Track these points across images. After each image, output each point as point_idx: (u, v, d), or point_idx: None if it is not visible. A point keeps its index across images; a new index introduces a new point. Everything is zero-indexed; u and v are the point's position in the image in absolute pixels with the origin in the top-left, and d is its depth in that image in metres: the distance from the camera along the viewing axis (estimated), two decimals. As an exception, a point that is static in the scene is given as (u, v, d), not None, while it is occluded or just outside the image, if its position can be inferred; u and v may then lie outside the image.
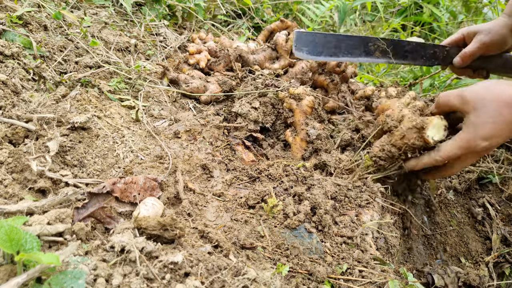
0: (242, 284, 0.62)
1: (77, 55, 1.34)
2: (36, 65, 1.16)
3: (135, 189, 0.85)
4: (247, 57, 1.55)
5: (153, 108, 1.30)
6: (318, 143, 1.22)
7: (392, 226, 1.08)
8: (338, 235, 0.88)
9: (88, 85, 1.21)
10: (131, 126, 1.15)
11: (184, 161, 1.05)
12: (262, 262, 0.77)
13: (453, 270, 1.07)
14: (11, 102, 0.98)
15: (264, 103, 1.33)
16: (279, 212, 0.90)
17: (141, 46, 1.60)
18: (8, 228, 0.52)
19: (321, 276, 0.75)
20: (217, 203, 0.96)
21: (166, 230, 0.68)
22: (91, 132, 1.01)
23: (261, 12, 2.37)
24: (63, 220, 0.67)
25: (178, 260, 0.60)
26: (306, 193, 0.96)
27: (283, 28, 1.79)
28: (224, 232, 0.85)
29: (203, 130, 1.22)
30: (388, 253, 0.99)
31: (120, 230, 0.67)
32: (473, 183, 1.32)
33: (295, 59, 1.65)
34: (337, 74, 1.46)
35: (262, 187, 1.00)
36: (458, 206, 1.28)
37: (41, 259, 0.49)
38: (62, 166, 0.91)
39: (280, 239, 0.84)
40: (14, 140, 0.90)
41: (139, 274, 0.57)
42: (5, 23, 1.23)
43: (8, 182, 0.79)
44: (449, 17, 3.00)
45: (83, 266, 0.55)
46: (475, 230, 1.27)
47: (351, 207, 0.98)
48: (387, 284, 0.76)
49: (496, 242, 1.22)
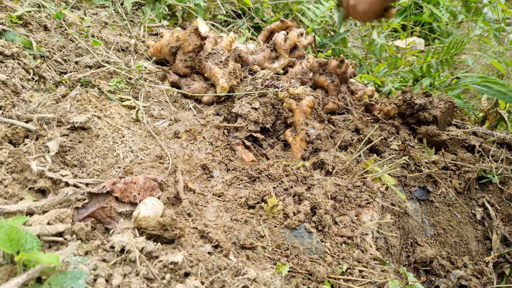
0: (242, 284, 0.62)
1: (77, 55, 1.34)
2: (36, 65, 1.16)
3: (135, 189, 0.85)
4: (247, 57, 1.55)
5: (153, 108, 1.30)
6: (318, 143, 1.22)
7: (392, 226, 1.08)
8: (338, 235, 0.88)
9: (88, 85, 1.21)
10: (131, 126, 1.15)
11: (184, 161, 1.05)
12: (262, 262, 0.77)
13: (456, 275, 1.07)
14: (11, 102, 0.98)
15: (264, 103, 1.33)
16: (279, 212, 0.90)
17: (141, 46, 1.61)
18: (8, 228, 0.52)
19: (321, 276, 0.75)
20: (217, 203, 0.96)
21: (166, 230, 0.68)
22: (91, 132, 1.01)
23: (261, 12, 2.37)
24: (63, 220, 0.67)
25: (178, 260, 0.60)
26: (306, 193, 0.96)
27: (283, 28, 1.79)
28: (224, 232, 0.85)
29: (203, 130, 1.23)
30: (388, 253, 1.00)
31: (120, 230, 0.67)
32: (473, 183, 1.32)
33: (294, 58, 1.65)
34: (337, 75, 1.46)
35: (262, 187, 1.00)
36: (458, 206, 1.28)
37: (41, 259, 0.49)
38: (62, 166, 0.91)
39: (280, 239, 0.84)
40: (14, 140, 0.90)
41: (139, 274, 0.57)
42: (5, 23, 1.23)
43: (8, 182, 0.79)
44: (449, 17, 3.00)
45: (83, 266, 0.55)
46: (475, 230, 1.27)
47: (351, 207, 0.98)
48: (387, 284, 0.76)
49: (496, 242, 1.22)
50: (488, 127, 1.68)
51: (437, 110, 1.48)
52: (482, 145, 1.40)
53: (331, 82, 1.45)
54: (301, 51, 1.68)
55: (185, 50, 1.37)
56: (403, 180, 1.26)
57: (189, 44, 1.36)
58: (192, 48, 1.36)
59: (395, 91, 1.94)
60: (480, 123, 1.74)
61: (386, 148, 1.35)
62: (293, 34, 1.63)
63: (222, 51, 1.43)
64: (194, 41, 1.35)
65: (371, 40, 2.38)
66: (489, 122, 1.69)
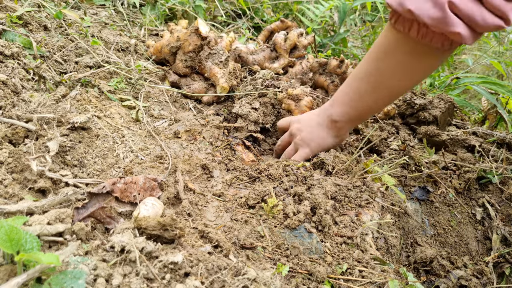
0: (242, 284, 0.62)
1: (77, 55, 1.34)
2: (36, 65, 1.16)
3: (135, 189, 0.85)
4: (247, 57, 1.55)
5: (153, 108, 1.30)
6: (318, 143, 1.22)
7: (392, 226, 1.08)
8: (338, 235, 0.88)
9: (88, 85, 1.21)
10: (131, 126, 1.15)
11: (184, 161, 1.05)
12: (262, 262, 0.77)
13: (456, 275, 1.07)
14: (11, 102, 0.98)
15: (264, 103, 1.33)
16: (279, 212, 0.90)
17: (141, 46, 1.60)
18: (8, 228, 0.52)
19: (321, 276, 0.75)
20: (217, 203, 0.96)
21: (166, 230, 0.68)
22: (91, 132, 1.01)
23: (261, 12, 2.37)
24: (63, 220, 0.67)
25: (178, 260, 0.60)
26: (306, 193, 0.96)
27: (283, 28, 1.79)
28: (224, 232, 0.85)
29: (203, 130, 1.23)
30: (388, 253, 1.00)
31: (120, 230, 0.67)
32: (473, 183, 1.32)
33: (294, 58, 1.65)
34: (337, 75, 1.46)
35: (262, 187, 1.00)
36: (458, 206, 1.28)
37: (41, 259, 0.49)
38: (62, 166, 0.91)
39: (280, 239, 0.84)
40: (14, 140, 0.90)
41: (139, 274, 0.57)
42: (5, 23, 1.23)
43: (8, 182, 0.79)
44: (449, 17, 2.99)
45: (83, 266, 0.55)
46: (475, 230, 1.27)
47: (351, 207, 0.98)
48: (387, 284, 0.76)
49: (496, 243, 1.22)
50: (488, 127, 1.68)
51: (437, 110, 1.48)
52: (482, 145, 1.40)
53: (331, 82, 1.45)
54: (301, 51, 1.68)
55: (186, 50, 1.37)
56: (403, 180, 1.26)
57: (190, 44, 1.36)
58: (193, 48, 1.36)
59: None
60: (480, 123, 1.74)
61: (386, 148, 1.35)
62: (293, 34, 1.63)
63: (222, 51, 1.43)
64: (194, 41, 1.35)
65: (371, 40, 2.38)
66: (489, 122, 1.69)
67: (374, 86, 1.00)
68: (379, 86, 0.99)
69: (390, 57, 0.94)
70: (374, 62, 0.98)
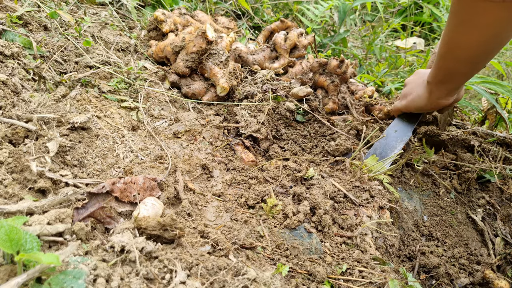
0: (242, 284, 0.62)
1: (77, 55, 1.34)
2: (36, 65, 1.16)
3: (135, 189, 0.85)
4: (247, 57, 1.55)
5: (153, 108, 1.30)
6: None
7: (391, 225, 1.08)
8: (337, 235, 0.88)
9: (88, 85, 1.21)
10: (131, 127, 1.15)
11: (184, 161, 1.06)
12: (262, 262, 0.77)
13: (460, 284, 1.07)
14: (11, 102, 0.98)
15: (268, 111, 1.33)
16: (278, 212, 0.90)
17: (141, 46, 1.61)
18: (8, 228, 0.52)
19: (321, 276, 0.75)
20: (217, 203, 0.96)
21: (166, 230, 0.68)
22: (91, 132, 1.01)
23: (261, 12, 2.37)
24: (63, 220, 0.67)
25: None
26: (306, 193, 0.96)
27: (283, 28, 1.79)
28: (224, 232, 0.85)
29: (203, 130, 1.23)
30: (387, 252, 1.00)
31: (120, 230, 0.67)
32: (473, 183, 1.32)
33: (294, 58, 1.65)
34: (337, 75, 1.46)
35: (261, 187, 1.00)
36: (458, 206, 1.28)
37: (41, 259, 0.49)
38: (62, 166, 0.91)
39: (279, 239, 0.84)
40: (14, 140, 0.90)
41: (139, 274, 0.57)
42: (5, 23, 1.23)
43: (8, 182, 0.79)
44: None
45: (83, 266, 0.55)
46: (475, 230, 1.27)
47: (350, 207, 0.98)
48: (387, 284, 0.76)
49: (500, 245, 1.22)
50: (488, 127, 1.67)
51: (437, 110, 1.48)
52: (482, 145, 1.40)
53: (331, 82, 1.45)
54: (301, 51, 1.68)
55: (189, 51, 1.37)
56: (402, 180, 1.26)
57: (194, 45, 1.36)
58: (196, 50, 1.36)
59: (395, 91, 1.94)
60: (480, 123, 1.74)
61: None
62: (293, 34, 1.63)
63: (222, 51, 1.43)
64: (199, 43, 1.35)
65: (371, 40, 2.38)
66: (489, 122, 1.69)
67: (446, 43, 1.00)
68: (447, 42, 0.99)
69: (451, 15, 0.94)
70: (446, 24, 1.00)
